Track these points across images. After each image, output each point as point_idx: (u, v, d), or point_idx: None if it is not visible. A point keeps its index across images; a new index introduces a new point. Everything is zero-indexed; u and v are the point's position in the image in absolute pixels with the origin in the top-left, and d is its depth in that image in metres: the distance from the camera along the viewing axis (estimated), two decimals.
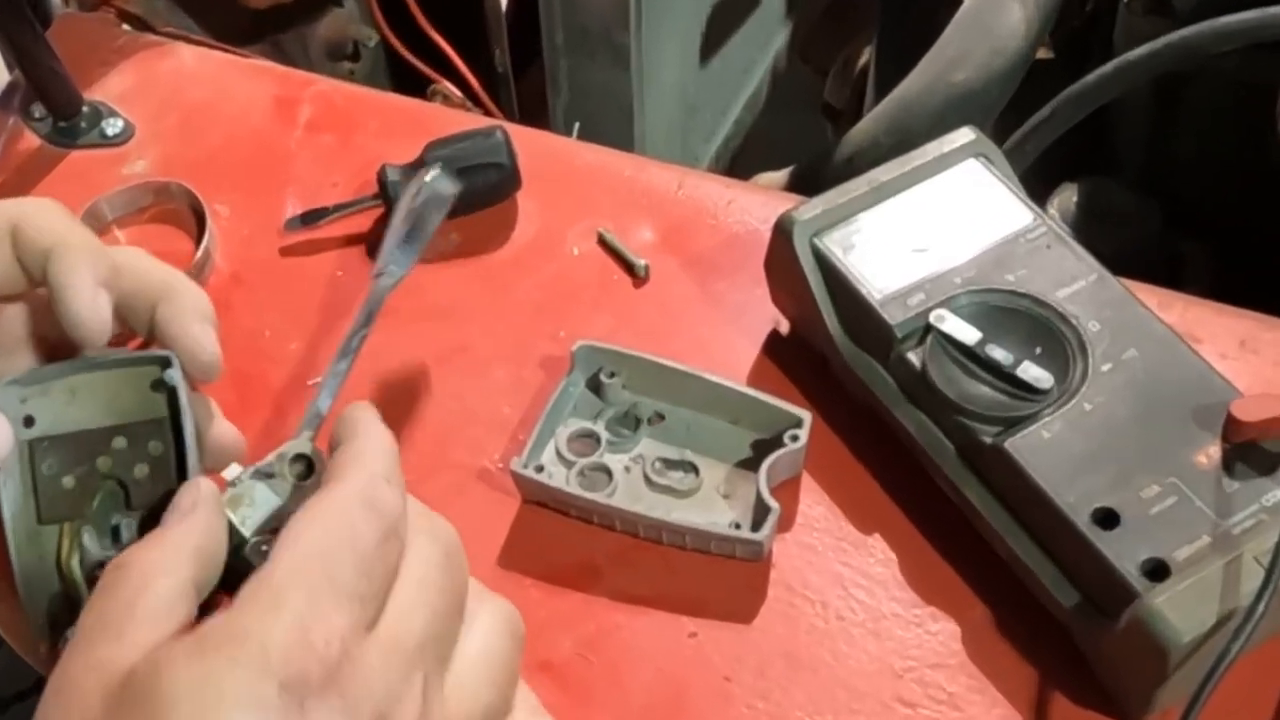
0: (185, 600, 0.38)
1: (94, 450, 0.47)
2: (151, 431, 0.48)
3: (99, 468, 0.47)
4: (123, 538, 0.47)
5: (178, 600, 0.37)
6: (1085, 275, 0.59)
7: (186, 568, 0.38)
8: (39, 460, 0.47)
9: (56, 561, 0.47)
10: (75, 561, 0.46)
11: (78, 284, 0.45)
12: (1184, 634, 0.47)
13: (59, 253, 0.45)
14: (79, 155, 0.78)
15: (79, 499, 0.47)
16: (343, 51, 1.12)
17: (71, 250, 0.45)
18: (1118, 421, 0.54)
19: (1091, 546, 0.50)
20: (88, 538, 0.46)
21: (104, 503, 0.47)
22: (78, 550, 0.46)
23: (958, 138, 0.63)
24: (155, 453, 0.47)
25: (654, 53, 1.23)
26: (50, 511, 0.47)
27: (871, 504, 0.59)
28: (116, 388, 0.48)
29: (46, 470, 0.47)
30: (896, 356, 0.58)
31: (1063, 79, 0.87)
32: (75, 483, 0.47)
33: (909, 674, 0.54)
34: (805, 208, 0.61)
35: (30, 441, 0.47)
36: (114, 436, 0.48)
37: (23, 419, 0.47)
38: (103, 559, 0.46)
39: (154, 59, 0.84)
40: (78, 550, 0.46)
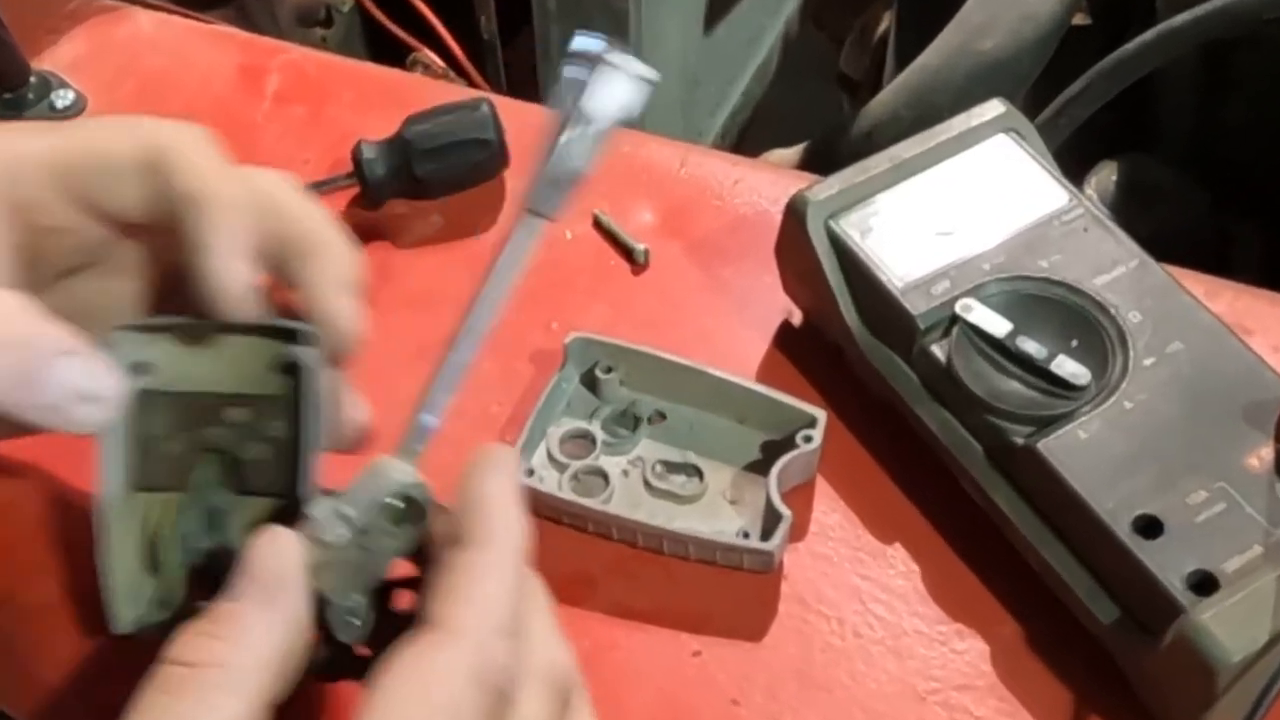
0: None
1: (207, 417, 0.46)
2: (274, 409, 0.46)
3: (208, 438, 0.46)
4: (224, 528, 0.45)
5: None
6: (1125, 261, 0.58)
7: (260, 682, 0.37)
8: (145, 415, 0.46)
9: (146, 535, 0.46)
10: (168, 541, 0.45)
11: (219, 249, 0.44)
12: (1234, 653, 0.47)
13: (203, 205, 0.44)
14: None
15: (180, 469, 0.46)
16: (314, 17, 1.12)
17: (217, 206, 0.44)
18: (1161, 421, 0.54)
19: (1132, 557, 0.50)
20: (184, 516, 0.45)
21: (207, 479, 0.46)
22: (171, 527, 0.45)
23: (986, 111, 0.63)
24: (274, 434, 0.46)
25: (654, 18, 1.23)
26: (147, 477, 0.46)
27: (891, 511, 0.59)
28: (245, 353, 0.46)
29: (152, 429, 0.46)
30: (919, 350, 0.58)
31: (1100, 47, 0.87)
32: (180, 450, 0.46)
33: (933, 696, 0.54)
34: (819, 187, 0.61)
35: (141, 391, 0.45)
36: (231, 406, 0.46)
37: (137, 365, 0.45)
38: (198, 547, 0.45)
39: (108, 25, 0.83)
40: (171, 527, 0.45)
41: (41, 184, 0.44)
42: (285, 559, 0.39)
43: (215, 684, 0.36)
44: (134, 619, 0.45)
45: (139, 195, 0.45)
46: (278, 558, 0.39)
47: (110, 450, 0.45)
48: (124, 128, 0.45)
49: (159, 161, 0.44)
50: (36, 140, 0.45)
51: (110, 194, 0.45)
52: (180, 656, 0.37)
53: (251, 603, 0.38)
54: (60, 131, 0.45)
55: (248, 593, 0.38)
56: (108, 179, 0.44)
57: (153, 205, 0.45)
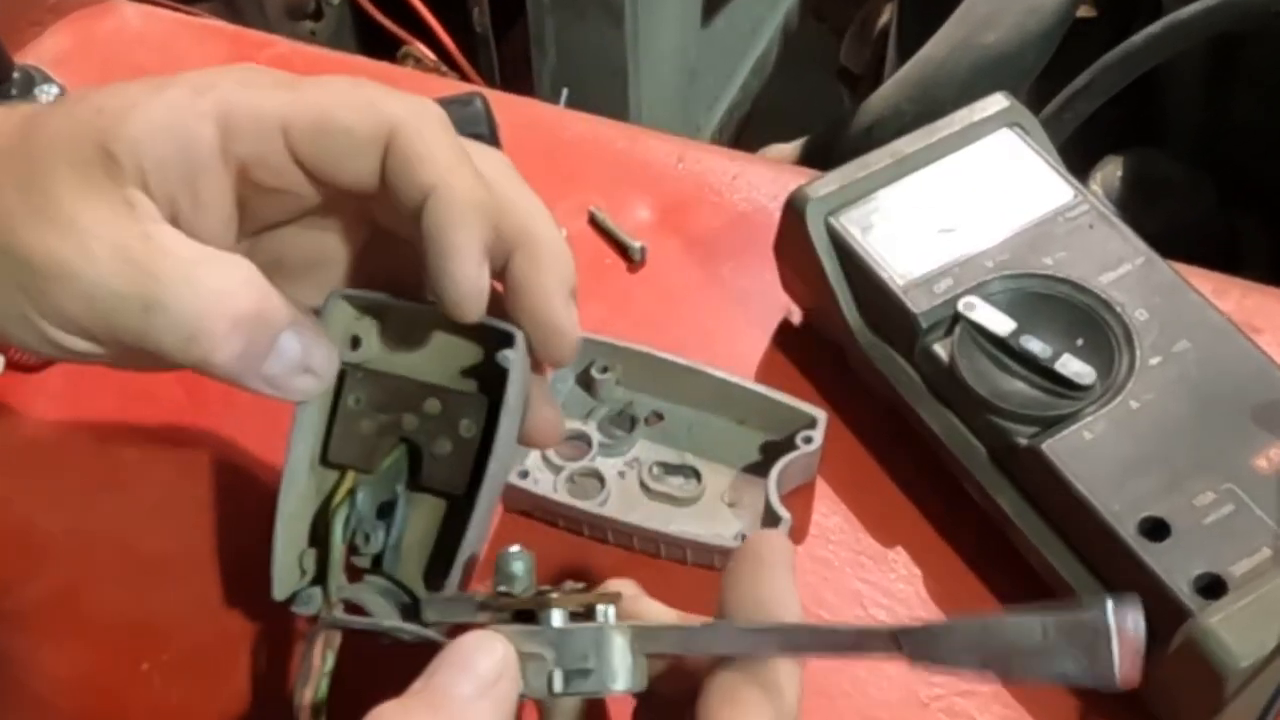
0: None
1: (405, 403, 0.46)
2: (469, 408, 0.46)
3: (403, 425, 0.46)
4: (395, 518, 0.46)
5: None
6: (1131, 258, 0.58)
7: None
8: (348, 391, 0.47)
9: (323, 506, 0.47)
10: (340, 518, 0.46)
11: (463, 253, 0.43)
12: (1242, 658, 0.47)
13: (445, 202, 0.43)
14: None
15: (370, 452, 0.47)
16: (304, 10, 1.12)
17: (459, 205, 0.43)
18: (1168, 421, 0.54)
19: (1139, 560, 0.50)
20: (363, 496, 0.46)
21: (392, 466, 0.46)
22: (347, 505, 0.46)
23: (989, 105, 0.63)
24: (465, 433, 0.46)
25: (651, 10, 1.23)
26: (337, 452, 0.47)
27: (893, 513, 0.59)
28: (452, 346, 0.46)
29: (352, 404, 0.47)
30: (921, 349, 0.58)
31: (1106, 40, 0.87)
32: (374, 432, 0.46)
33: (936, 703, 0.54)
34: (819, 183, 0.61)
35: (347, 365, 0.46)
36: (430, 397, 0.46)
37: (350, 338, 0.46)
38: (364, 531, 0.46)
39: (93, 18, 0.83)
40: (347, 505, 0.46)
41: (271, 145, 0.44)
42: (495, 655, 0.38)
43: None
44: (291, 587, 0.46)
45: (370, 170, 0.45)
46: (487, 651, 0.38)
47: (306, 420, 0.46)
48: (360, 100, 0.45)
49: (396, 144, 0.44)
50: (270, 98, 0.44)
51: (341, 166, 0.45)
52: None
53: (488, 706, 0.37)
54: (293, 90, 0.45)
55: (451, 681, 0.37)
56: (340, 151, 0.45)
57: (380, 181, 0.45)
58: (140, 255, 0.42)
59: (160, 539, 0.59)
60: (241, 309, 0.43)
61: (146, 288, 0.42)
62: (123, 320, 0.42)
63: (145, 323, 0.42)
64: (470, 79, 1.13)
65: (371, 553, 0.47)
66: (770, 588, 0.40)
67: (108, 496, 0.60)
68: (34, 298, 0.43)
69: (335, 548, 0.45)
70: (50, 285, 0.42)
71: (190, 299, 0.42)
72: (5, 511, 0.60)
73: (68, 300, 0.42)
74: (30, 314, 0.43)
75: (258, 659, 0.55)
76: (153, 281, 0.42)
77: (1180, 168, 0.99)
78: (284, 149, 0.45)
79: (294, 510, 0.46)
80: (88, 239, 0.42)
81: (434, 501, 0.47)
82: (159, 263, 0.42)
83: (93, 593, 0.58)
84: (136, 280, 0.42)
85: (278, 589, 0.46)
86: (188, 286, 0.42)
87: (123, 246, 0.42)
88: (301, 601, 0.46)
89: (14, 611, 0.57)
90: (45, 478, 0.61)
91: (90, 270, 0.42)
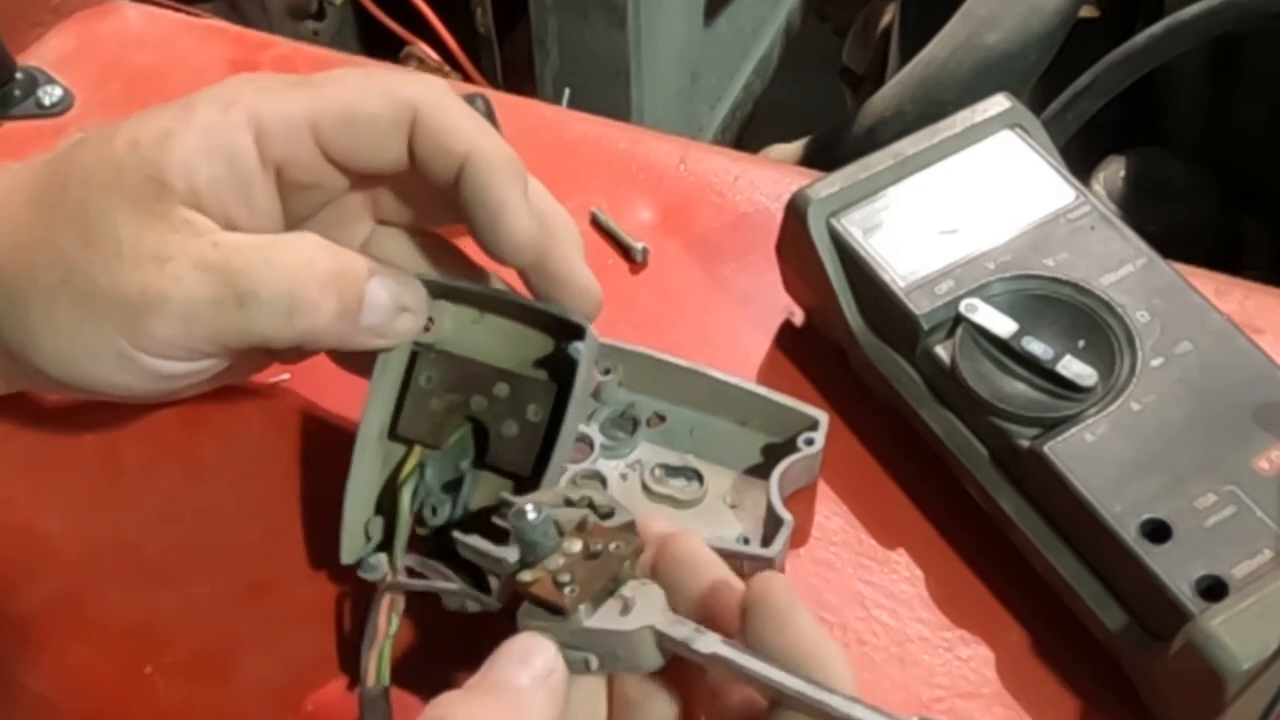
0: None
1: (475, 385, 0.49)
2: (537, 393, 0.49)
3: (472, 406, 0.49)
4: (461, 493, 0.49)
5: None
6: (1133, 259, 0.58)
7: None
8: (420, 370, 0.49)
9: (391, 477, 0.49)
10: (409, 489, 0.48)
11: (513, 203, 0.47)
12: (1243, 660, 0.47)
13: (483, 163, 0.47)
14: (12, 127, 0.78)
15: (438, 428, 0.49)
16: (306, 10, 1.12)
17: (497, 160, 0.47)
18: (1170, 423, 0.54)
19: (1140, 562, 0.50)
20: (430, 471, 0.48)
21: (458, 444, 0.49)
22: (416, 477, 0.48)
23: (991, 106, 0.63)
24: (532, 417, 0.48)
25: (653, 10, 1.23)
26: (407, 428, 0.49)
27: (895, 515, 0.59)
28: (521, 334, 0.49)
29: (423, 383, 0.49)
30: (923, 350, 0.58)
31: (1108, 40, 0.87)
32: (443, 410, 0.49)
33: (938, 704, 0.54)
34: (821, 184, 0.61)
35: (420, 345, 0.49)
36: (499, 381, 0.49)
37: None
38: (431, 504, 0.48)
39: (95, 19, 0.83)
40: (416, 477, 0.48)
41: (303, 144, 0.47)
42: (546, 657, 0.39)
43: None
44: (357, 553, 0.49)
45: (399, 152, 0.47)
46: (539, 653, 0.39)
47: (380, 392, 0.49)
48: (378, 88, 0.48)
49: (421, 122, 0.47)
50: (292, 100, 0.47)
51: (371, 153, 0.47)
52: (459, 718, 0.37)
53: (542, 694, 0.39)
54: (313, 89, 0.47)
55: (542, 687, 0.39)
56: (369, 139, 0.47)
57: (409, 161, 0.48)
58: (217, 260, 0.45)
59: (164, 542, 0.59)
60: (324, 270, 0.46)
61: (235, 285, 0.45)
62: (224, 323, 0.45)
63: (245, 317, 0.45)
64: (473, 79, 1.13)
65: (437, 524, 0.49)
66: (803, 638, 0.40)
67: (111, 499, 0.61)
68: (133, 335, 0.45)
69: (403, 515, 0.48)
70: (147, 317, 0.45)
71: (277, 278, 0.45)
72: (8, 514, 0.60)
73: (165, 326, 0.45)
74: (129, 352, 0.46)
75: (261, 662, 0.55)
76: (238, 277, 0.45)
77: (1182, 168, 0.99)
78: (314, 146, 0.48)
79: (364, 479, 0.49)
80: (167, 264, 0.45)
81: (498, 481, 0.50)
82: (236, 260, 0.45)
83: (95, 595, 0.58)
84: (223, 282, 0.45)
85: (346, 553, 0.49)
86: (269, 268, 0.45)
87: (199, 259, 0.45)
88: (367, 567, 0.49)
89: (16, 614, 0.57)
90: (48, 480, 0.61)
91: (180, 290, 0.45)
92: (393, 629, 0.48)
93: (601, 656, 0.40)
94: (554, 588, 0.40)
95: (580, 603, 0.39)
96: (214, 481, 0.61)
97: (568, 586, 0.40)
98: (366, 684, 0.48)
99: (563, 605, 0.39)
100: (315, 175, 0.48)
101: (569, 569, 0.40)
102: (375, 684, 0.48)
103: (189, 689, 0.55)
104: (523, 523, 0.40)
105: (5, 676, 0.56)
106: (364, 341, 0.47)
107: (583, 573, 0.40)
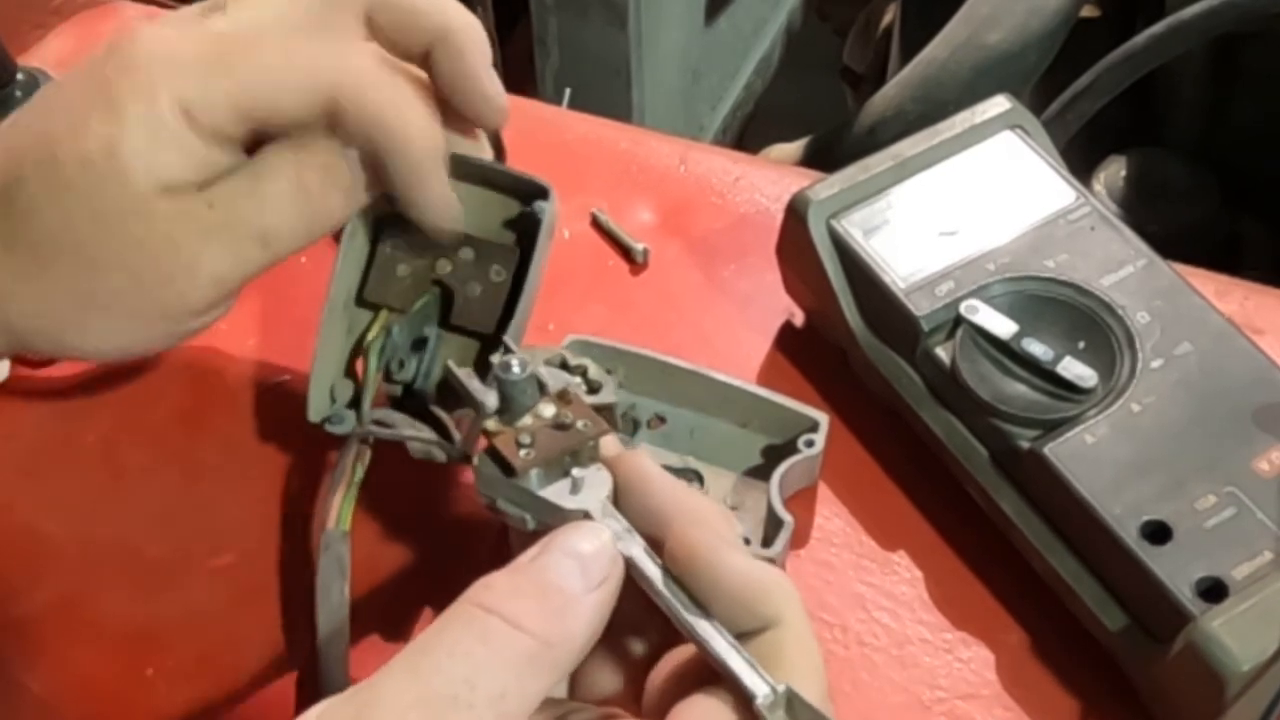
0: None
1: (440, 250, 0.51)
2: (499, 255, 0.51)
3: (437, 270, 0.51)
4: (427, 352, 0.51)
5: None
6: (1133, 260, 0.58)
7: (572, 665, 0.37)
8: (385, 237, 0.51)
9: (359, 341, 0.51)
10: (376, 348, 0.50)
11: (481, 70, 0.49)
12: (1243, 661, 0.47)
13: (457, 41, 0.48)
14: None
15: (404, 293, 0.51)
16: None
17: (468, 36, 0.48)
18: (1170, 424, 0.54)
19: (1140, 563, 0.50)
20: (397, 332, 0.50)
21: (425, 308, 0.51)
22: (383, 338, 0.50)
23: (991, 107, 0.63)
24: (495, 278, 0.51)
25: (654, 10, 1.23)
26: (373, 293, 0.52)
27: (895, 517, 0.59)
28: (488, 200, 0.51)
29: (389, 248, 0.51)
30: (923, 352, 0.58)
31: (1109, 40, 0.87)
32: (408, 275, 0.51)
33: (938, 706, 0.54)
34: (821, 186, 0.61)
35: (385, 214, 0.50)
36: (464, 245, 0.51)
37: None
38: (398, 365, 0.50)
39: (96, 20, 0.83)
40: (383, 338, 0.50)
41: (226, 117, 0.46)
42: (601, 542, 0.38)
43: (551, 662, 0.36)
44: (324, 411, 0.51)
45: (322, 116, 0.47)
46: (592, 534, 0.38)
47: (347, 259, 0.51)
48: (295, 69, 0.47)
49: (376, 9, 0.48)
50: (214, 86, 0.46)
51: (292, 121, 0.47)
52: (505, 611, 0.35)
53: (593, 603, 0.37)
54: (230, 71, 0.47)
55: (594, 594, 0.37)
56: (289, 115, 0.47)
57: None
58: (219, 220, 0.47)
59: (164, 545, 0.59)
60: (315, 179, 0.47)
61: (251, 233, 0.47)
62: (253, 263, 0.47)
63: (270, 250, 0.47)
64: None
65: (404, 379, 0.52)
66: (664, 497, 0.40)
67: (112, 502, 0.61)
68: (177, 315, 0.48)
69: (370, 371, 0.50)
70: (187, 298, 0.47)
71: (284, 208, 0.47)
72: (9, 517, 0.60)
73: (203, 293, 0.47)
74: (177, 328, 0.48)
75: (262, 665, 0.55)
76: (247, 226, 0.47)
77: (1183, 168, 0.99)
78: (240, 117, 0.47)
79: (331, 343, 0.50)
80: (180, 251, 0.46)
81: (464, 342, 0.52)
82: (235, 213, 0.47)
83: (97, 599, 0.58)
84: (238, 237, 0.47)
85: (312, 412, 0.51)
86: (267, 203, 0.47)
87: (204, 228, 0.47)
88: (335, 421, 0.51)
89: (18, 617, 0.57)
90: (49, 483, 0.61)
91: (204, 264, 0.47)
92: (358, 477, 0.51)
93: (539, 521, 0.40)
94: (513, 446, 0.40)
95: (531, 468, 0.40)
96: (214, 484, 0.61)
97: (525, 449, 0.40)
98: (328, 525, 0.51)
99: (514, 466, 0.40)
100: (250, 132, 0.48)
101: (534, 432, 0.41)
102: (336, 527, 0.51)
103: (190, 692, 0.55)
104: (506, 375, 0.41)
105: (6, 679, 0.56)
106: (365, 200, 0.48)
107: (545, 439, 0.41)
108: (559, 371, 0.43)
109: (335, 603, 0.51)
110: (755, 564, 0.38)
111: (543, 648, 0.35)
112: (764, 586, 0.38)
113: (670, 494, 0.40)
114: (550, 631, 0.35)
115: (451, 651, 0.35)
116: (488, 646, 0.35)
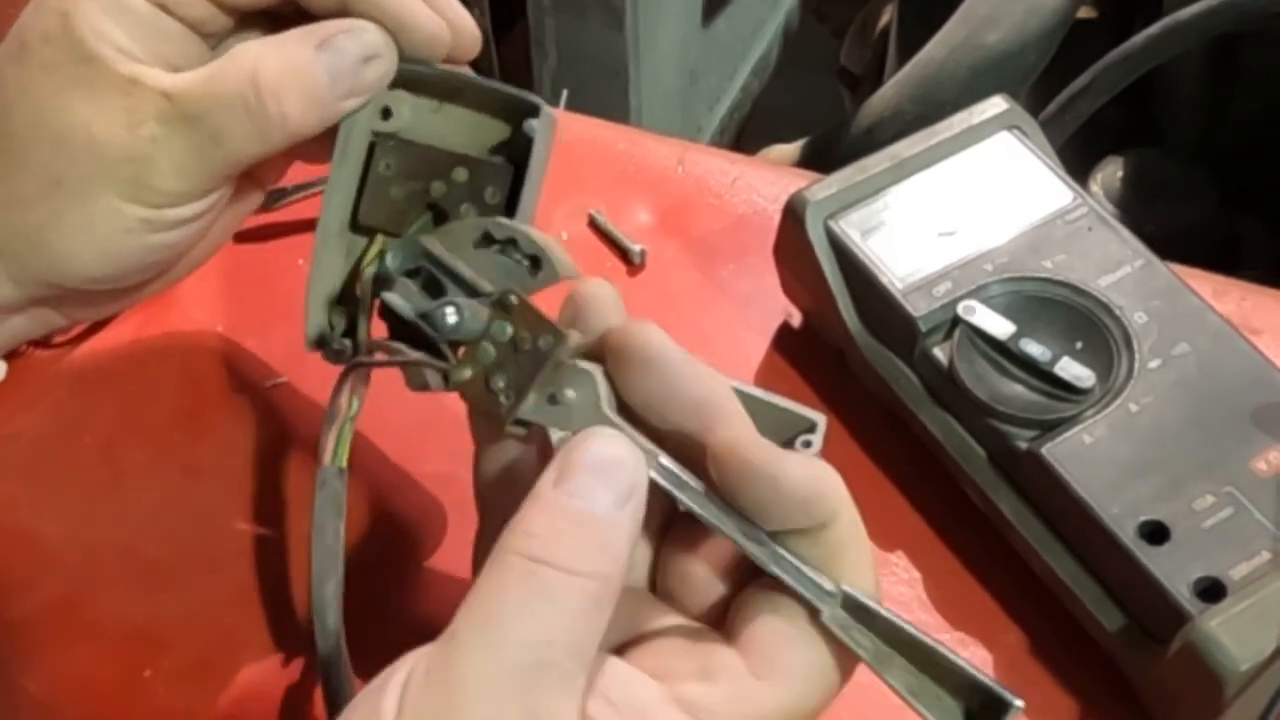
0: None
1: (434, 171, 0.50)
2: (494, 175, 0.49)
3: (431, 192, 0.50)
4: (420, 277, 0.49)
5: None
6: (1131, 260, 0.58)
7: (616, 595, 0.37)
8: (379, 157, 0.50)
9: (354, 269, 0.50)
10: (371, 274, 0.48)
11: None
12: (1242, 661, 0.47)
13: None
14: None
15: (398, 216, 0.50)
16: None
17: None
18: (1167, 424, 0.54)
19: (1138, 564, 0.50)
20: (392, 256, 0.48)
21: (420, 230, 0.50)
22: (378, 263, 0.49)
23: (989, 107, 0.63)
24: (490, 200, 0.49)
25: (651, 10, 1.23)
26: (367, 216, 0.50)
27: (893, 517, 0.59)
28: (482, 119, 0.50)
29: (382, 170, 0.50)
30: (921, 352, 0.58)
31: (1107, 41, 0.87)
32: (403, 198, 0.50)
33: None
34: (819, 186, 0.61)
35: (379, 134, 0.50)
36: (457, 166, 0.50)
37: (381, 109, 0.49)
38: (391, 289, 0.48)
39: None
40: (378, 263, 0.49)
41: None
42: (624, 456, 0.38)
43: (611, 593, 0.36)
44: (318, 338, 0.50)
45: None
46: (612, 444, 0.38)
47: (339, 182, 0.49)
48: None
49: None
50: None
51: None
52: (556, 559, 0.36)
53: (628, 519, 0.37)
54: None
55: (626, 509, 0.37)
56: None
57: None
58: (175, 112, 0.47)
59: (163, 545, 0.59)
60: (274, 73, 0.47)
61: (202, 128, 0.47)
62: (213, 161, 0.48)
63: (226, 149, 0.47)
64: None
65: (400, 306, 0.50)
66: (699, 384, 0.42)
67: (110, 502, 0.61)
68: (145, 198, 0.48)
69: (365, 298, 0.48)
70: (149, 180, 0.47)
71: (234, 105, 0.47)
72: (7, 517, 0.60)
73: (165, 180, 0.48)
74: (150, 215, 0.48)
75: (261, 666, 0.55)
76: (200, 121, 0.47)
77: (1181, 168, 0.99)
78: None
79: (326, 269, 0.49)
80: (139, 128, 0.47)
81: None
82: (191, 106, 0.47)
83: (95, 599, 0.58)
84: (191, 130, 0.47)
85: (307, 339, 0.50)
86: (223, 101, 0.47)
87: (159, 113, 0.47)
88: (330, 349, 0.50)
89: (16, 618, 0.57)
90: (47, 483, 0.61)
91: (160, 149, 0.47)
92: (353, 410, 0.49)
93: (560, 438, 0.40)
94: (487, 393, 0.41)
95: (513, 411, 0.40)
96: (213, 484, 0.61)
97: (502, 394, 0.41)
98: (323, 461, 0.49)
99: (498, 414, 0.40)
100: (200, 11, 0.49)
101: (500, 366, 0.41)
102: (331, 463, 0.49)
103: (189, 693, 0.55)
104: (442, 325, 0.42)
105: (4, 679, 0.56)
106: (341, 109, 0.48)
107: (513, 370, 0.41)
108: (492, 255, 0.44)
109: (330, 543, 0.49)
110: (809, 464, 0.40)
111: (601, 585, 0.36)
112: (822, 488, 0.39)
113: (689, 383, 0.42)
114: (601, 566, 0.36)
115: (519, 614, 0.35)
116: (553, 602, 0.35)
